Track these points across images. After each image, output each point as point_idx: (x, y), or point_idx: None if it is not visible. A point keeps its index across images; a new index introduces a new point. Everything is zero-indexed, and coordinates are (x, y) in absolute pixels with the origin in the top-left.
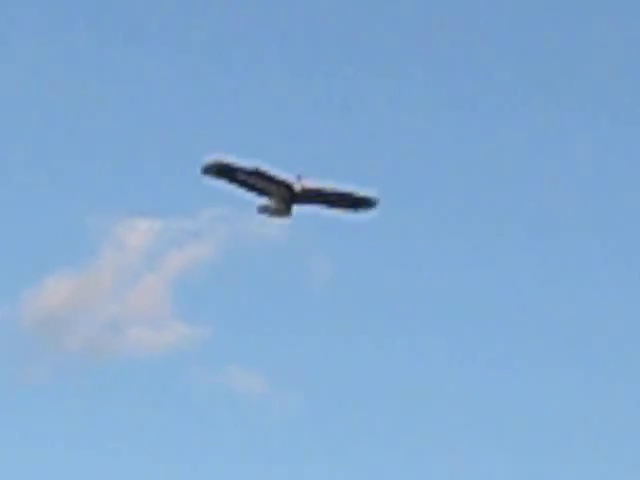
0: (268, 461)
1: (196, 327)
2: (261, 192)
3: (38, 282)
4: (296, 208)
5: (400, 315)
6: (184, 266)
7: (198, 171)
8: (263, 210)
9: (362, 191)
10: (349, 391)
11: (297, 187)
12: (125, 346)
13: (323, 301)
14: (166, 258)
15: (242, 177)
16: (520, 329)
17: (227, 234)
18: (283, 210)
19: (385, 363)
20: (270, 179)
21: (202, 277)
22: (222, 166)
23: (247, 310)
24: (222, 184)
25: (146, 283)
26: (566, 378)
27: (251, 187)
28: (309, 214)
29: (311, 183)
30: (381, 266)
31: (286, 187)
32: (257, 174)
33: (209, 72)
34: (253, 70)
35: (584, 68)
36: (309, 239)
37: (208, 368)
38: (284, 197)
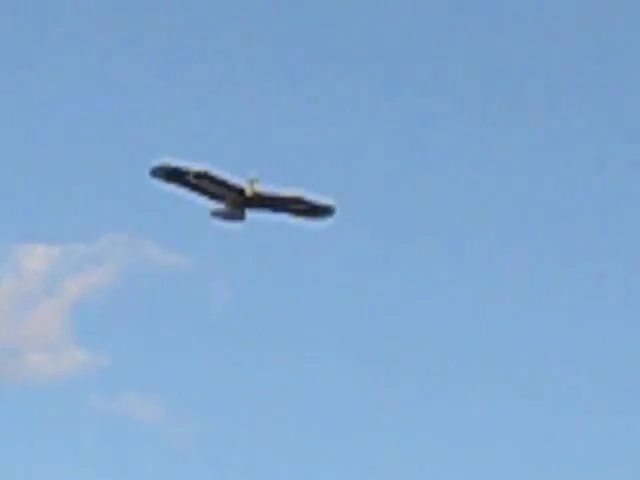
0: None
1: (95, 353)
2: (212, 196)
3: None
4: (250, 213)
5: (300, 338)
6: (83, 292)
7: (98, 196)
8: (216, 214)
9: (319, 199)
10: (248, 417)
11: (249, 191)
12: (23, 372)
13: (222, 327)
14: (65, 284)
15: (192, 180)
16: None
17: (126, 259)
18: (236, 213)
19: (285, 388)
20: (220, 183)
21: (101, 303)
22: (170, 169)
23: (146, 336)
24: (172, 187)
25: (44, 309)
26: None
27: (202, 191)
28: (209, 238)
29: (264, 188)
30: (280, 290)
31: (237, 191)
32: (207, 177)
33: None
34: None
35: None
36: (208, 264)
37: (107, 395)
38: (236, 201)
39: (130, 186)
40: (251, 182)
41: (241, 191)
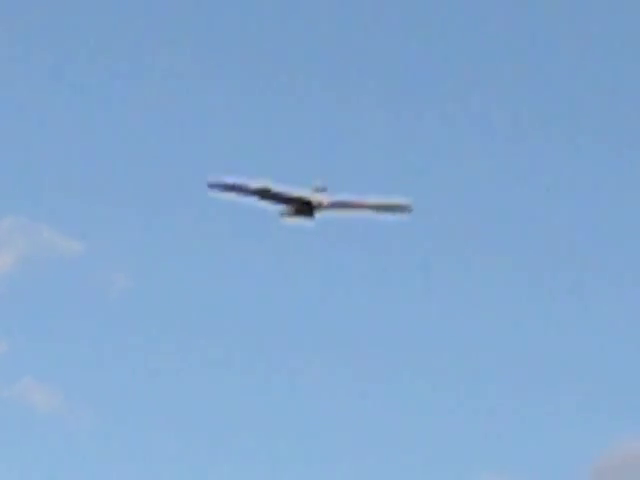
0: (63, 476)
1: None
2: (277, 203)
3: None
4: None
5: (199, 324)
6: None
7: None
8: (285, 214)
9: (389, 199)
10: (146, 405)
11: (315, 201)
12: None
13: (121, 313)
14: None
15: (252, 194)
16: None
17: (24, 245)
18: (305, 213)
19: (184, 376)
20: (283, 197)
21: None
22: (228, 186)
23: (43, 323)
24: (233, 196)
25: None
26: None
27: (264, 201)
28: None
29: (331, 198)
30: (179, 276)
31: (302, 202)
32: (268, 194)
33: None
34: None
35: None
36: (107, 250)
37: (3, 381)
38: (302, 210)
39: (30, 170)
40: (317, 191)
41: (307, 202)
